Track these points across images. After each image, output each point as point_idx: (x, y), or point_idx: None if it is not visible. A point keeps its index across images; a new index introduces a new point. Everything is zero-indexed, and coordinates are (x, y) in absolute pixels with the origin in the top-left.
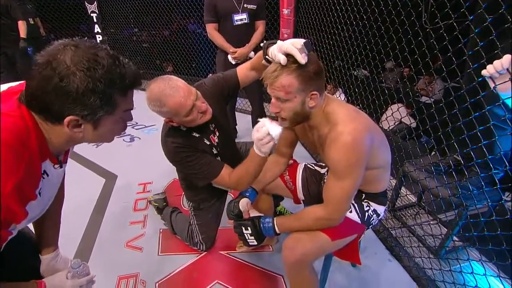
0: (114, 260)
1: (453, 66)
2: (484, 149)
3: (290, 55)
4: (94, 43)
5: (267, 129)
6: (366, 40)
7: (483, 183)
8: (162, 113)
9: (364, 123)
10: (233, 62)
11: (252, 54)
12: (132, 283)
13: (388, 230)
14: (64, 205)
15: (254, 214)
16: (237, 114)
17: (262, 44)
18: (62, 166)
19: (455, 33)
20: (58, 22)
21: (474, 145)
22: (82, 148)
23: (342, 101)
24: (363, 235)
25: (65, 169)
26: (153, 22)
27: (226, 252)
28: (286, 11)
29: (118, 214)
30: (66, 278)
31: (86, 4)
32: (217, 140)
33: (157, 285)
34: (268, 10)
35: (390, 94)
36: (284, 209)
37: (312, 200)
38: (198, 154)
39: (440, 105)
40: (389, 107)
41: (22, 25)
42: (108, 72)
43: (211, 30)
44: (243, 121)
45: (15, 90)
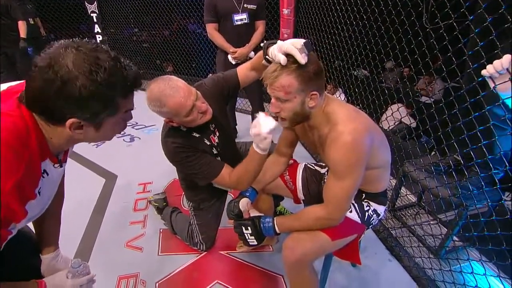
0: (114, 260)
1: (453, 66)
2: (484, 149)
3: (290, 55)
4: (94, 45)
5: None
6: (366, 40)
7: (483, 183)
8: (162, 113)
9: (364, 123)
10: (233, 62)
11: (252, 54)
12: (132, 283)
13: (388, 230)
14: (64, 205)
15: (254, 214)
16: (237, 114)
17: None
18: (62, 166)
19: (455, 33)
20: (58, 22)
21: (474, 145)
22: (82, 148)
23: (342, 101)
24: (363, 235)
25: (64, 168)
26: (153, 22)
27: (226, 252)
28: (286, 11)
29: (118, 214)
30: (67, 277)
31: (86, 4)
32: (217, 140)
33: (157, 285)
34: (268, 10)
35: (390, 94)
36: (284, 209)
37: (312, 200)
38: (198, 154)
39: (440, 105)
40: (389, 107)
41: (22, 25)
42: (110, 75)
43: (211, 30)
44: (243, 121)
45: (15, 90)
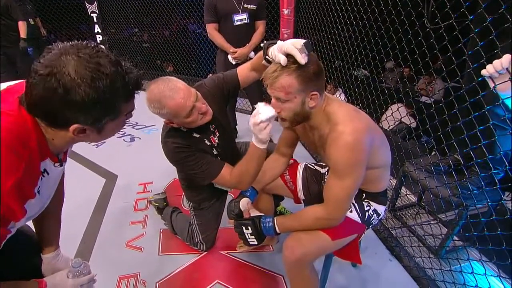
0: (115, 260)
1: (453, 66)
2: (484, 149)
3: (290, 56)
4: (95, 49)
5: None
6: (366, 40)
7: (483, 183)
8: (162, 114)
9: (364, 123)
10: (233, 62)
11: (252, 54)
12: (132, 283)
13: (388, 230)
14: (64, 205)
15: (254, 213)
16: (237, 114)
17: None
18: (62, 165)
19: (455, 33)
20: (58, 22)
21: (474, 145)
22: (82, 148)
23: (342, 101)
24: (364, 235)
25: (64, 167)
26: (153, 22)
27: (226, 252)
28: (286, 11)
29: (119, 214)
30: (67, 277)
31: (86, 4)
32: (217, 140)
33: (157, 285)
34: (268, 10)
35: (390, 94)
36: (284, 209)
37: (312, 200)
38: (198, 154)
39: (440, 105)
40: (389, 107)
41: (22, 25)
42: (111, 81)
43: (211, 30)
44: (243, 121)
45: (15, 89)
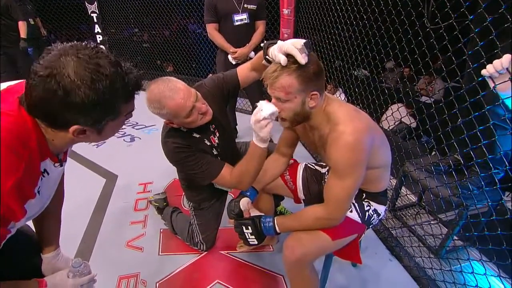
0: (115, 260)
1: (453, 66)
2: (484, 149)
3: (290, 56)
4: (94, 50)
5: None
6: (366, 40)
7: (483, 183)
8: (162, 115)
9: (365, 123)
10: (233, 62)
11: (252, 54)
12: (132, 283)
13: (388, 230)
14: (64, 205)
15: (254, 213)
16: (237, 114)
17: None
18: (62, 165)
19: (455, 33)
20: (59, 22)
21: (474, 145)
22: (82, 148)
23: (342, 100)
24: (364, 235)
25: (64, 167)
26: (153, 22)
27: (226, 252)
28: (286, 11)
29: (119, 214)
30: (68, 277)
31: (86, 4)
32: (217, 140)
33: (157, 285)
34: (268, 10)
35: (390, 94)
36: (284, 209)
37: (312, 199)
38: (198, 154)
39: (440, 104)
40: (389, 107)
41: (22, 25)
42: (111, 82)
43: (212, 30)
44: (243, 121)
45: (15, 89)
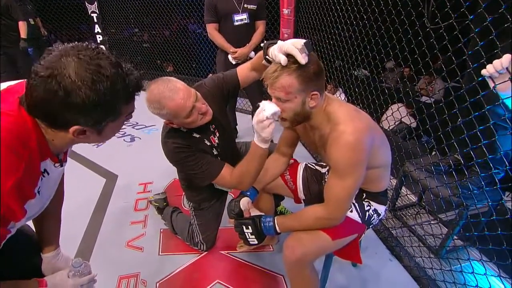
0: (115, 260)
1: (453, 66)
2: (484, 149)
3: (290, 56)
4: (95, 50)
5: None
6: (366, 40)
7: (484, 183)
8: (162, 115)
9: (365, 123)
10: (233, 62)
11: (252, 54)
12: (132, 283)
13: (388, 230)
14: (64, 205)
15: (254, 213)
16: (237, 114)
17: (262, 44)
18: (62, 165)
19: (455, 32)
20: (59, 23)
21: (474, 145)
22: (82, 148)
23: (342, 100)
24: (364, 235)
25: (64, 167)
26: (153, 22)
27: (226, 252)
28: (286, 11)
29: (119, 214)
30: (68, 277)
31: (87, 4)
32: (217, 140)
33: (157, 285)
34: (268, 10)
35: (390, 94)
36: (284, 208)
37: (312, 199)
38: (198, 154)
39: (440, 104)
40: (389, 107)
41: (22, 25)
42: (112, 83)
43: (212, 30)
44: (243, 121)
45: (15, 89)
